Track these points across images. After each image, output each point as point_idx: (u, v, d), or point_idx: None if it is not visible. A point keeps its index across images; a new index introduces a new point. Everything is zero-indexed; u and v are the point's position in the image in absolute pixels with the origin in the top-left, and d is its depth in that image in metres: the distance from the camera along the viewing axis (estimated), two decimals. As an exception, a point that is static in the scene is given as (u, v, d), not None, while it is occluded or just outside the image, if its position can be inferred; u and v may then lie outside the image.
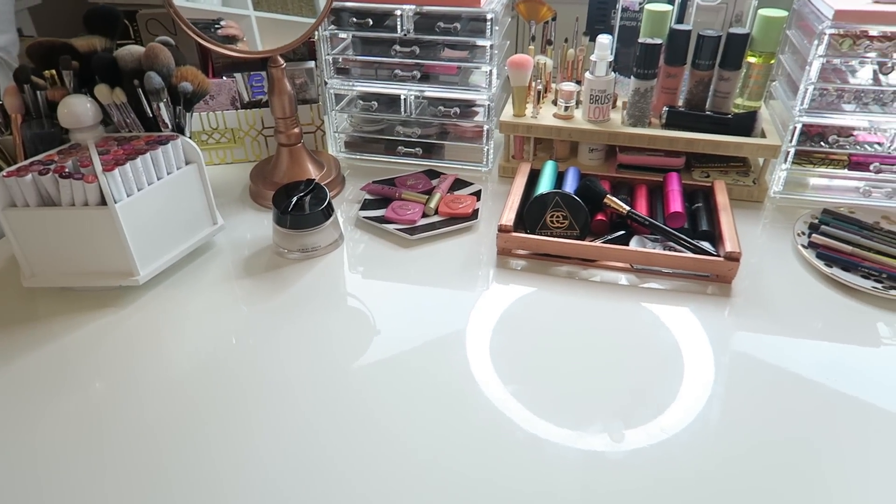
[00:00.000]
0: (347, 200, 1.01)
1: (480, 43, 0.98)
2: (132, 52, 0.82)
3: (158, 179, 0.79)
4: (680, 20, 1.00)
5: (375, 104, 1.07)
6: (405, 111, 1.06)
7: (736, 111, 1.00)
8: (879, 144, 0.94)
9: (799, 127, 0.93)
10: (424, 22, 0.98)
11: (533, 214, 0.86)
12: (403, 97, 1.04)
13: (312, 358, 0.72)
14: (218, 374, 0.70)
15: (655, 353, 0.72)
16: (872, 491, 0.57)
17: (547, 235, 0.85)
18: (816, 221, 0.89)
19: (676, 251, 0.82)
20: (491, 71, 0.99)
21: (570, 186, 0.92)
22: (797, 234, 0.88)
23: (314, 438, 0.62)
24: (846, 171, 0.96)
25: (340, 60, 1.06)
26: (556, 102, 1.02)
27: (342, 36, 1.04)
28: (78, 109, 0.78)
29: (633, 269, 0.83)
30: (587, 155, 1.04)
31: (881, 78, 0.91)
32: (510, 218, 0.85)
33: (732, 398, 0.66)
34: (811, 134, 0.95)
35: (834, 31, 0.86)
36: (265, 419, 0.64)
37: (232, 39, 0.91)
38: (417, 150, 1.09)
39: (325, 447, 0.61)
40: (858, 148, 0.94)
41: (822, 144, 0.95)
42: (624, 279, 0.82)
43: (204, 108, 1.06)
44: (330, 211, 0.86)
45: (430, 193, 0.97)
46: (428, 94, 1.04)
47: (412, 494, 0.57)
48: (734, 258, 0.78)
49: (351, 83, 1.06)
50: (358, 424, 0.64)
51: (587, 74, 0.96)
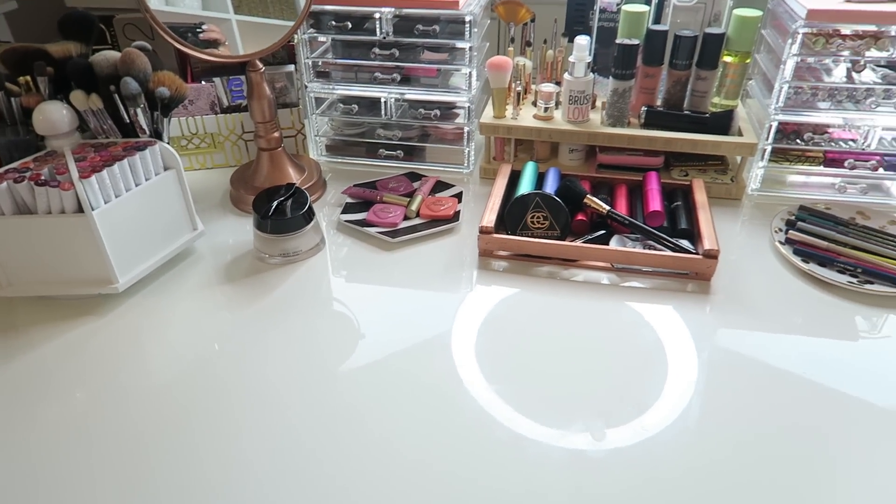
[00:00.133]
0: (329, 204, 1.01)
1: (460, 45, 0.98)
2: (108, 57, 0.82)
3: (136, 186, 0.79)
4: (657, 21, 1.01)
5: (356, 107, 1.07)
6: (386, 114, 1.06)
7: (713, 110, 1.02)
8: (854, 141, 0.95)
9: (775, 125, 0.94)
10: (403, 24, 0.98)
11: (514, 215, 0.86)
12: (384, 100, 1.04)
13: (297, 362, 0.71)
14: (202, 380, 0.69)
15: (639, 351, 0.73)
16: (855, 480, 0.58)
17: (528, 236, 0.86)
18: (793, 218, 0.90)
19: (656, 250, 0.83)
20: (470, 73, 1.00)
21: (550, 187, 0.92)
22: (774, 230, 0.89)
23: (301, 442, 0.62)
24: (822, 167, 0.97)
25: (320, 64, 1.06)
26: (535, 104, 1.03)
27: (321, 39, 1.04)
28: (53, 116, 0.78)
29: (613, 268, 0.84)
30: (567, 155, 1.04)
31: (854, 76, 0.92)
32: (491, 219, 0.85)
33: (716, 394, 0.67)
34: (787, 132, 0.96)
35: (807, 30, 0.87)
36: (251, 424, 0.64)
37: (214, 44, 0.91)
38: (399, 152, 1.09)
39: (312, 450, 0.61)
40: (833, 145, 0.96)
41: (797, 142, 0.96)
42: (605, 278, 0.83)
43: (183, 112, 1.05)
44: (311, 215, 0.86)
45: (411, 196, 0.97)
46: (408, 96, 1.04)
47: (400, 495, 0.57)
48: (712, 256, 0.79)
49: (331, 86, 1.06)
50: (345, 427, 0.63)
51: (566, 75, 0.97)
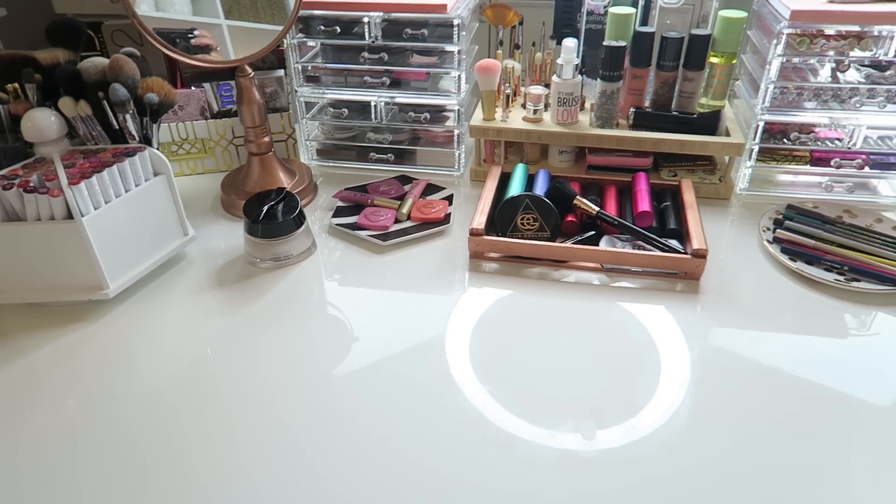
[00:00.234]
0: (320, 208, 1.01)
1: (448, 48, 0.99)
2: (96, 63, 0.82)
3: (126, 192, 0.79)
4: (644, 23, 1.01)
5: (346, 111, 1.07)
6: (376, 117, 1.06)
7: (701, 111, 1.02)
8: (839, 140, 0.96)
9: (761, 125, 0.95)
10: (392, 28, 0.98)
11: (504, 217, 0.87)
12: (373, 103, 1.04)
13: (290, 365, 0.71)
14: (194, 385, 0.69)
15: (631, 350, 0.73)
16: (847, 476, 0.59)
17: (518, 238, 0.86)
18: (781, 217, 0.91)
19: (645, 250, 0.83)
20: (459, 76, 1.00)
21: (540, 189, 0.93)
22: (762, 229, 0.90)
23: (295, 445, 0.62)
24: (808, 167, 0.98)
25: (310, 68, 1.06)
26: (525, 106, 1.03)
27: (311, 44, 1.04)
28: (42, 123, 0.78)
29: (603, 268, 0.84)
30: (557, 157, 1.05)
31: (839, 76, 0.93)
32: (481, 221, 0.86)
33: (708, 393, 0.67)
34: (774, 131, 0.97)
35: (791, 30, 0.88)
36: (245, 428, 0.64)
37: (206, 49, 0.91)
38: (389, 156, 1.09)
39: (306, 453, 0.61)
40: (819, 144, 0.97)
41: (784, 141, 0.97)
42: (595, 279, 0.83)
43: (173, 118, 1.05)
44: (301, 219, 0.86)
45: (402, 199, 0.97)
46: (398, 100, 1.05)
47: (395, 496, 0.57)
48: (701, 255, 0.80)
49: (321, 91, 1.06)
50: (339, 429, 0.64)
51: (554, 77, 0.98)
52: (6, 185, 0.72)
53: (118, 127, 0.83)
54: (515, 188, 0.92)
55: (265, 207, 0.85)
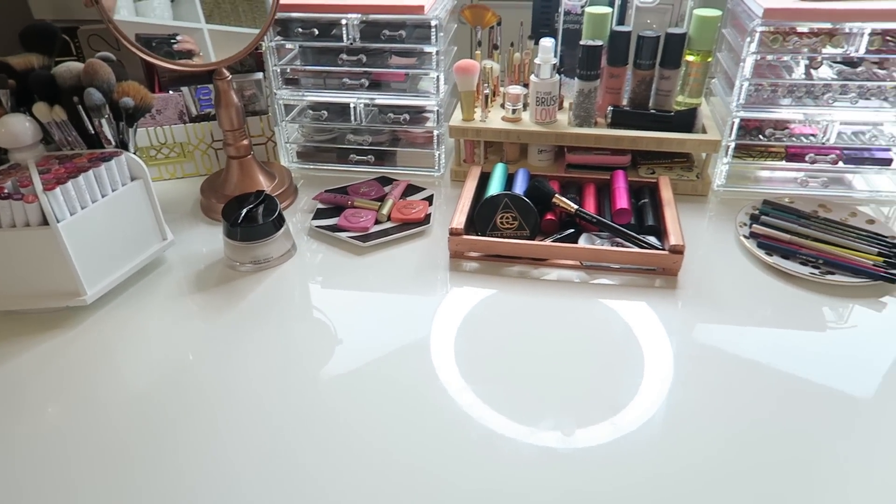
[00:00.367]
0: (301, 210, 1.01)
1: (427, 49, 0.99)
2: (71, 68, 0.81)
3: (103, 197, 0.78)
4: (620, 22, 1.02)
5: (325, 113, 1.07)
6: (355, 119, 1.06)
7: (678, 108, 1.03)
8: (813, 136, 0.97)
9: (737, 122, 0.96)
10: (370, 30, 0.98)
11: (483, 216, 0.87)
12: (353, 105, 1.04)
13: (272, 367, 0.71)
14: (176, 389, 0.69)
15: (615, 347, 0.73)
16: (830, 468, 0.59)
17: (498, 237, 0.87)
18: (757, 212, 0.92)
19: (624, 247, 0.84)
20: (438, 77, 1.00)
21: (519, 188, 0.93)
22: (739, 224, 0.91)
23: (281, 446, 0.62)
24: (784, 162, 0.99)
25: (289, 71, 1.06)
26: (504, 106, 1.04)
27: (289, 46, 1.04)
28: (16, 129, 0.77)
29: (582, 266, 0.85)
30: (537, 156, 1.05)
31: (812, 72, 0.94)
32: (461, 221, 0.86)
33: (691, 388, 0.68)
34: (749, 128, 0.98)
35: (764, 28, 0.89)
36: (230, 431, 0.64)
37: (188, 54, 0.91)
38: (370, 157, 1.09)
39: (293, 454, 0.61)
40: (794, 140, 0.98)
41: (760, 138, 0.98)
42: (576, 277, 0.84)
43: (151, 122, 1.05)
44: (281, 221, 0.86)
45: (382, 200, 0.97)
46: (377, 101, 1.05)
47: (382, 497, 0.57)
48: (678, 251, 0.81)
49: (300, 93, 1.06)
50: (325, 430, 0.64)
51: (532, 77, 0.98)
52: (-20, 191, 0.72)
53: (94, 132, 0.82)
54: (495, 188, 0.93)
55: (244, 210, 0.85)
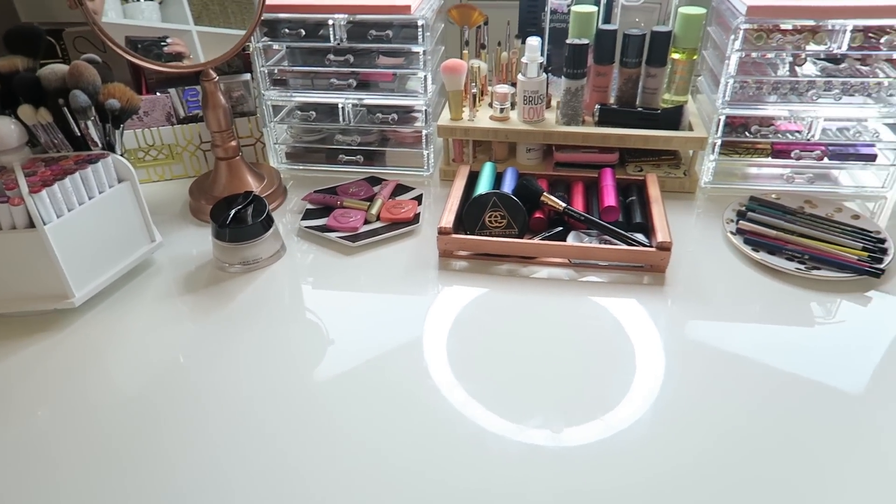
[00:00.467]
0: (290, 211, 1.01)
1: (414, 49, 0.99)
2: (56, 70, 0.81)
3: (90, 199, 0.78)
4: (607, 20, 1.03)
5: (314, 114, 1.07)
6: (344, 119, 1.06)
7: (664, 106, 1.04)
8: (798, 132, 0.98)
9: (723, 119, 0.97)
10: (357, 30, 0.98)
11: (472, 216, 0.87)
12: (341, 106, 1.04)
13: (262, 368, 0.71)
14: (167, 392, 0.69)
15: (606, 345, 0.74)
16: (822, 461, 0.60)
17: (487, 235, 0.87)
18: (744, 209, 0.92)
19: (611, 244, 0.84)
20: (426, 76, 1.01)
21: (508, 187, 0.93)
22: (726, 221, 0.91)
23: (273, 448, 0.62)
24: (770, 159, 1.00)
25: (276, 72, 1.06)
26: (491, 105, 1.04)
27: (276, 47, 1.04)
28: (1, 131, 0.77)
29: (570, 263, 0.85)
30: (525, 155, 1.06)
31: (796, 69, 0.95)
32: (449, 220, 0.86)
33: (683, 385, 0.68)
34: (735, 125, 0.99)
35: (748, 26, 0.90)
36: (221, 432, 0.64)
37: (178, 56, 0.90)
38: (359, 157, 1.09)
39: (284, 455, 0.61)
40: (780, 137, 0.99)
41: (745, 135, 0.99)
42: (564, 275, 0.84)
43: (139, 124, 1.04)
44: (269, 222, 0.86)
45: (371, 200, 0.97)
46: (366, 101, 1.05)
47: (374, 496, 0.57)
48: (665, 248, 0.81)
49: (288, 94, 1.06)
50: (317, 431, 0.64)
51: (519, 76, 0.98)
52: (-35, 195, 0.71)
53: (80, 134, 0.82)
54: (483, 187, 0.93)
55: (232, 211, 0.85)
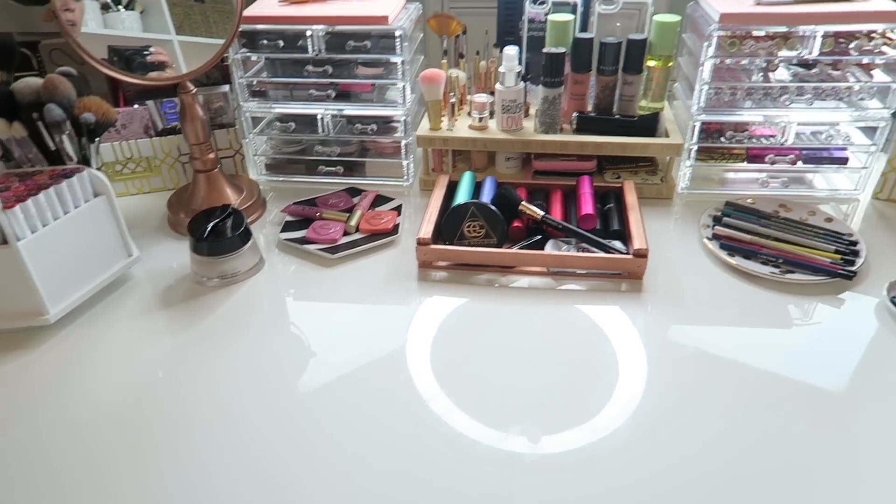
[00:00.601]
0: (270, 223, 1.01)
1: (392, 59, 0.99)
2: (30, 84, 0.80)
3: (65, 214, 0.77)
4: (583, 29, 1.04)
5: (293, 125, 1.07)
6: (323, 130, 1.06)
7: (641, 113, 1.05)
8: (773, 137, 0.99)
9: (698, 125, 0.98)
10: (335, 41, 0.99)
11: (450, 226, 0.88)
12: (320, 116, 1.04)
13: (242, 382, 0.71)
14: (146, 408, 0.68)
15: (587, 352, 0.74)
16: (806, 461, 0.61)
17: (465, 245, 0.87)
18: (719, 214, 0.93)
19: (589, 252, 0.85)
20: (405, 86, 1.01)
21: (487, 196, 0.94)
22: (702, 226, 0.92)
23: (258, 458, 0.62)
24: (745, 164, 1.01)
25: (255, 83, 1.05)
26: (470, 114, 1.04)
27: (255, 59, 1.04)
28: (-27, 147, 0.76)
29: (549, 272, 0.85)
30: (504, 164, 1.06)
31: (769, 75, 0.96)
32: (428, 230, 0.86)
33: (666, 390, 0.69)
34: (710, 131, 1.00)
35: (721, 33, 0.91)
36: (202, 446, 0.63)
37: (161, 67, 0.90)
38: (339, 168, 1.09)
39: (273, 464, 0.61)
40: (755, 142, 1.00)
41: (721, 140, 1.00)
42: (544, 283, 0.85)
43: (116, 137, 1.04)
44: (247, 235, 0.86)
45: (351, 211, 0.97)
46: (345, 112, 1.05)
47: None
48: (642, 255, 0.82)
49: (268, 105, 1.06)
50: (301, 442, 0.64)
51: (497, 85, 0.99)
52: (-64, 212, 0.70)
53: (55, 148, 0.81)
54: (462, 196, 0.93)
55: (210, 225, 0.84)
